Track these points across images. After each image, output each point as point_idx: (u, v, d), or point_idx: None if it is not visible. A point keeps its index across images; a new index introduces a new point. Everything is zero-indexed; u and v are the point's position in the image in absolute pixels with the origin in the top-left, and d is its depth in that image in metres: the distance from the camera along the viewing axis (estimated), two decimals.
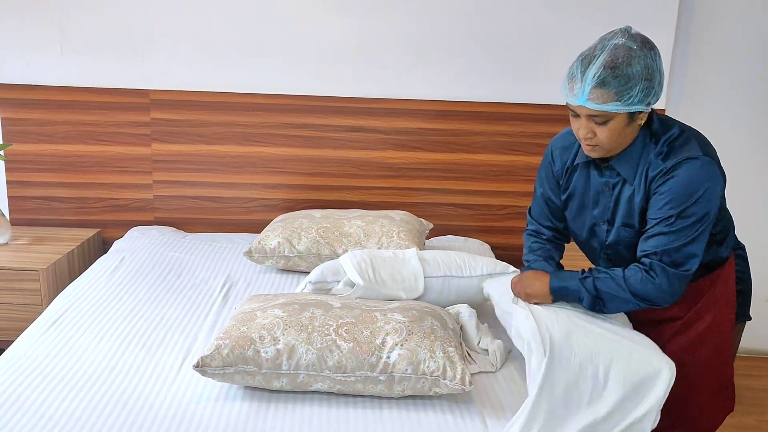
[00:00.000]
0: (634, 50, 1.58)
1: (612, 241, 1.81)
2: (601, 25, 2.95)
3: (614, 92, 1.57)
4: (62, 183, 3.09)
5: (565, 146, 1.88)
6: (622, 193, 1.75)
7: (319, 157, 3.10)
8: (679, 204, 1.62)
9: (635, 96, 1.58)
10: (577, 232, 1.93)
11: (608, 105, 1.58)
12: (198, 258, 2.73)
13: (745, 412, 2.89)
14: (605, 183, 1.78)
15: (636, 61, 1.57)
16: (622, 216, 1.76)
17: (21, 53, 2.97)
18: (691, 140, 1.67)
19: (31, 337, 2.04)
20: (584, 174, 1.83)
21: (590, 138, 1.66)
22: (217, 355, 1.71)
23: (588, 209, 1.84)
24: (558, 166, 1.89)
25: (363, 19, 2.98)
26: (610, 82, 1.57)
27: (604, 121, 1.62)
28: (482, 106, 3.07)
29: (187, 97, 3.02)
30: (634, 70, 1.57)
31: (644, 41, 1.61)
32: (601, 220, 1.81)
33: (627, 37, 1.60)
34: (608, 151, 1.69)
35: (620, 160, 1.72)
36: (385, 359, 1.73)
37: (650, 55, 1.60)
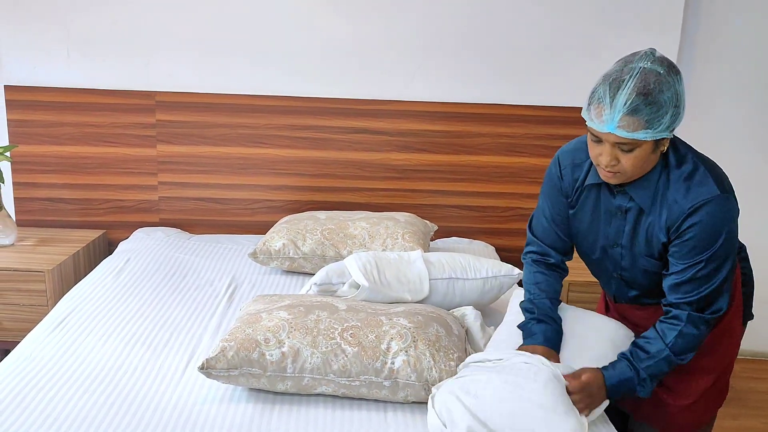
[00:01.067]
0: (663, 75, 1.52)
1: (628, 265, 1.78)
2: (606, 28, 2.98)
3: (645, 120, 1.50)
4: (68, 184, 3.10)
5: (575, 163, 1.79)
6: (640, 222, 1.70)
7: (324, 158, 3.10)
8: (705, 249, 1.60)
9: (664, 123, 1.52)
10: (587, 252, 1.87)
11: (638, 133, 1.51)
12: (203, 259, 2.74)
13: (751, 415, 2.88)
14: (618, 206, 1.72)
15: (666, 88, 1.51)
16: (641, 245, 1.72)
17: (27, 55, 2.98)
18: (707, 177, 1.61)
19: (37, 338, 2.04)
20: (594, 193, 1.77)
21: (613, 165, 1.59)
22: (222, 357, 1.71)
23: (599, 229, 1.79)
24: (567, 183, 1.81)
25: (368, 21, 2.99)
26: (642, 110, 1.50)
27: (630, 149, 1.55)
28: (486, 108, 3.07)
29: (193, 99, 3.03)
30: (665, 97, 1.51)
31: (670, 66, 1.55)
32: (615, 243, 1.77)
33: (652, 61, 1.54)
34: (629, 178, 1.63)
35: (636, 187, 1.66)
36: (390, 365, 1.73)
37: (677, 80, 1.54)
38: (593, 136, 1.60)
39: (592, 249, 1.85)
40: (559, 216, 1.87)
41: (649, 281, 1.77)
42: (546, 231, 1.90)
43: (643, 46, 3.06)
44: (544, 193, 1.89)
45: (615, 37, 2.98)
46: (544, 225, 1.90)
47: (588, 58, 2.99)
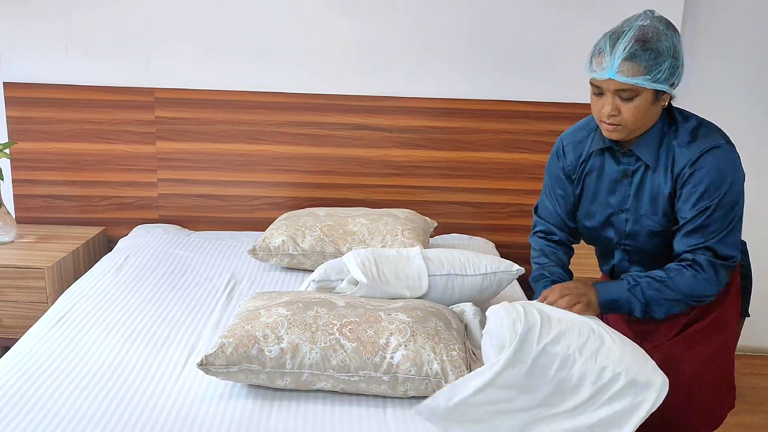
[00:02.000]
0: (660, 29, 1.61)
1: (632, 231, 1.78)
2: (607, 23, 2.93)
3: (644, 66, 1.58)
4: (67, 181, 3.10)
5: (577, 141, 1.85)
6: (645, 181, 1.73)
7: (324, 155, 3.10)
8: (713, 194, 1.63)
9: (663, 72, 1.59)
10: (589, 225, 1.88)
11: (637, 78, 1.59)
12: (202, 256, 2.74)
13: (753, 411, 2.88)
14: (623, 170, 1.76)
15: (664, 39, 1.60)
16: (646, 205, 1.74)
17: (26, 52, 2.98)
18: (713, 130, 1.70)
19: (36, 335, 2.04)
20: (598, 163, 1.81)
21: (614, 116, 1.64)
22: (221, 354, 1.71)
23: (602, 199, 1.81)
24: (570, 161, 1.86)
25: (368, 17, 2.98)
26: (641, 56, 1.58)
27: (630, 97, 1.61)
28: (487, 104, 3.06)
29: (192, 96, 3.02)
30: (663, 46, 1.59)
31: (668, 23, 1.64)
32: (619, 210, 1.79)
33: (651, 19, 1.63)
34: (630, 132, 1.67)
35: (640, 145, 1.71)
36: (389, 359, 1.73)
37: (675, 36, 1.63)
38: (595, 89, 1.66)
39: (595, 221, 1.86)
40: (561, 198, 1.90)
41: (653, 245, 1.77)
42: (549, 212, 1.95)
43: None
44: (547, 176, 1.94)
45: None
46: (548, 207, 1.95)
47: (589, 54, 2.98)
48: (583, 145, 1.84)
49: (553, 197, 1.93)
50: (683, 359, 1.81)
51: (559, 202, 1.92)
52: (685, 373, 1.82)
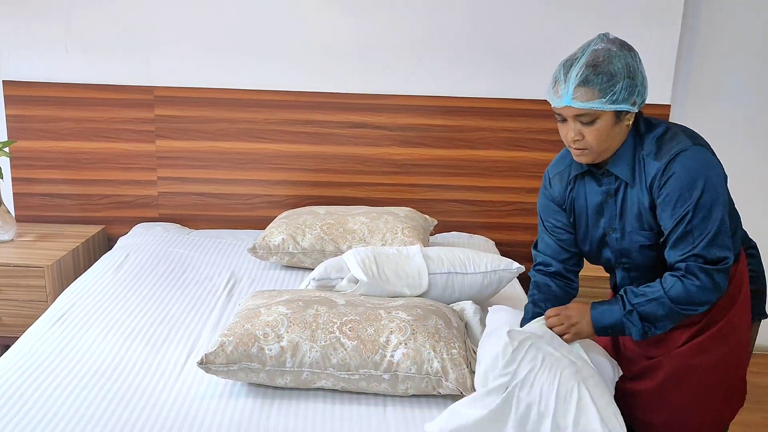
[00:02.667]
0: (614, 51, 1.62)
1: (624, 248, 1.79)
2: (607, 21, 2.97)
3: (598, 89, 1.59)
4: (67, 180, 3.10)
5: (560, 171, 1.86)
6: (627, 198, 1.73)
7: (324, 153, 3.10)
8: (687, 200, 1.61)
9: (618, 93, 1.59)
10: (586, 249, 1.89)
11: (593, 102, 1.60)
12: (202, 254, 2.73)
13: (752, 410, 2.88)
14: (606, 191, 1.76)
15: (617, 60, 1.60)
16: (632, 221, 1.74)
17: (26, 50, 2.97)
18: (678, 134, 1.68)
19: (36, 334, 2.04)
20: (583, 189, 1.82)
21: (578, 141, 1.66)
22: (221, 352, 1.71)
23: (593, 223, 1.82)
24: (558, 191, 1.86)
25: (367, 15, 2.98)
26: (593, 80, 1.59)
27: (590, 121, 1.63)
28: (486, 102, 3.06)
29: (192, 94, 3.02)
30: (615, 67, 1.59)
31: (622, 44, 1.65)
32: (610, 229, 1.79)
33: (606, 41, 1.65)
34: (597, 155, 1.68)
35: (615, 163, 1.71)
36: (389, 358, 1.73)
37: (630, 55, 1.63)
38: (558, 116, 1.68)
39: (591, 245, 1.86)
40: (556, 227, 1.89)
41: (647, 259, 1.77)
42: (546, 245, 1.92)
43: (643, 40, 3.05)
44: (540, 211, 1.94)
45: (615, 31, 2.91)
46: (545, 239, 1.93)
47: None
48: (566, 173, 1.85)
49: (548, 230, 1.91)
50: (693, 366, 1.80)
51: (555, 232, 1.90)
52: (696, 379, 1.81)
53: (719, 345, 1.80)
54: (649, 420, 1.89)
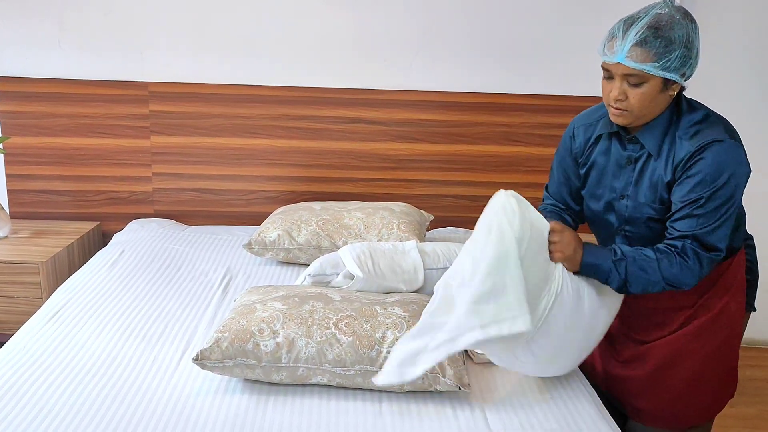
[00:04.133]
0: (677, 19, 1.60)
1: (631, 217, 1.79)
2: (604, 16, 2.94)
3: (653, 53, 1.58)
4: (61, 176, 3.08)
5: (588, 123, 1.87)
6: (646, 169, 1.73)
7: (319, 148, 3.09)
8: (707, 186, 1.62)
9: (673, 61, 1.59)
10: (592, 207, 1.89)
11: (646, 65, 1.59)
12: (198, 250, 2.73)
13: (748, 403, 2.89)
14: (628, 156, 1.77)
15: (678, 28, 1.59)
16: (645, 192, 1.74)
17: (19, 46, 2.96)
18: (718, 123, 1.68)
19: (31, 330, 2.03)
20: (605, 147, 1.82)
21: (621, 101, 1.65)
22: (216, 348, 1.71)
23: (606, 183, 1.83)
24: (579, 142, 1.88)
25: (363, 10, 2.97)
26: (651, 42, 1.58)
27: (638, 83, 1.62)
28: (483, 97, 3.05)
29: (186, 89, 3.01)
30: (675, 35, 1.58)
31: (686, 13, 1.63)
32: (621, 195, 1.79)
33: (670, 7, 1.63)
34: (636, 118, 1.67)
35: (645, 132, 1.71)
36: (385, 354, 1.72)
37: (691, 27, 1.62)
38: (605, 72, 1.67)
39: (597, 204, 1.87)
40: (570, 180, 1.93)
41: (652, 232, 1.78)
42: (556, 192, 1.99)
43: None
44: (556, 156, 1.97)
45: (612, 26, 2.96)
46: (555, 187, 1.98)
47: (585, 46, 2.97)
48: (593, 127, 1.85)
49: (562, 178, 1.96)
50: (688, 352, 1.82)
51: (567, 184, 1.95)
52: (689, 365, 1.83)
53: (712, 333, 1.81)
54: (640, 406, 1.90)
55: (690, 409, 1.88)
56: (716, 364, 1.85)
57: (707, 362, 1.83)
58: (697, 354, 1.81)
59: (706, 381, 1.85)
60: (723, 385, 1.90)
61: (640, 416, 1.92)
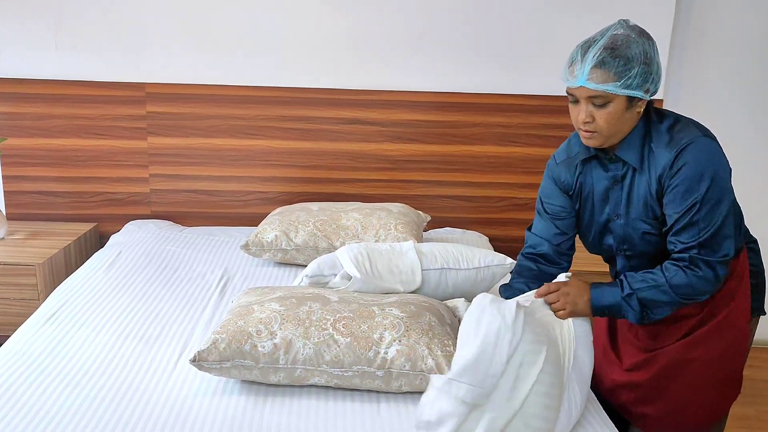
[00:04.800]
0: (633, 37, 1.63)
1: (627, 235, 1.79)
2: (599, 16, 2.95)
3: (613, 72, 1.60)
4: (58, 177, 3.08)
5: (566, 158, 1.87)
6: (633, 185, 1.74)
7: (316, 149, 3.09)
8: (696, 190, 1.63)
9: (633, 78, 1.61)
10: (590, 237, 1.89)
11: (607, 85, 1.61)
12: (195, 252, 2.72)
13: (746, 403, 2.89)
14: (612, 177, 1.77)
15: (634, 46, 1.62)
16: (637, 208, 1.74)
17: (16, 47, 2.95)
18: (688, 125, 1.70)
19: (28, 332, 2.03)
20: (590, 175, 1.82)
21: (589, 123, 1.67)
22: (213, 350, 1.70)
23: (598, 209, 1.83)
24: (565, 177, 1.87)
25: (360, 10, 2.97)
26: (609, 63, 1.60)
27: (603, 104, 1.64)
28: (480, 98, 3.05)
29: (183, 90, 3.00)
30: (632, 53, 1.61)
31: (641, 31, 1.67)
32: (614, 215, 1.80)
33: (625, 27, 1.66)
34: (606, 138, 1.69)
35: (624, 149, 1.72)
36: (383, 354, 1.72)
37: (648, 44, 1.65)
38: (571, 97, 1.70)
39: (594, 231, 1.86)
40: (557, 209, 1.90)
41: (649, 247, 1.77)
42: (542, 227, 1.93)
43: None
44: (542, 188, 1.93)
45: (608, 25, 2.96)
46: (541, 223, 1.94)
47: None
48: (574, 160, 1.85)
49: (547, 213, 1.91)
50: (693, 359, 1.81)
51: (555, 216, 1.89)
52: (693, 372, 1.82)
53: (717, 339, 1.80)
54: (644, 412, 1.90)
55: (694, 413, 1.87)
56: (721, 368, 1.84)
57: (711, 367, 1.82)
58: (702, 360, 1.81)
59: (710, 385, 1.84)
60: (727, 388, 1.89)
61: (644, 422, 1.92)
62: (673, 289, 1.66)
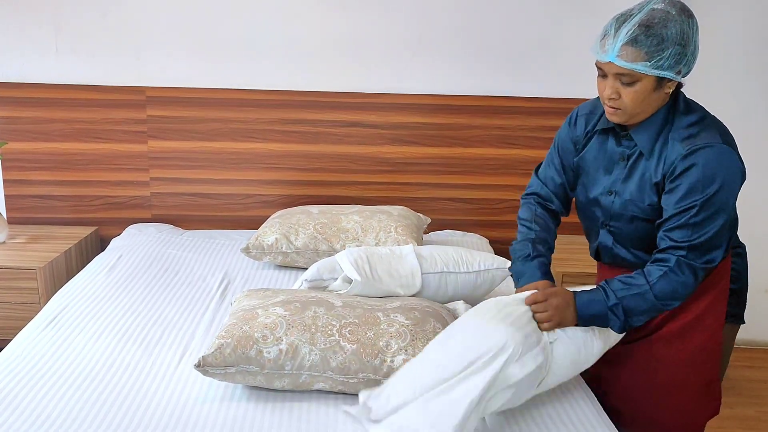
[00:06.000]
0: (672, 14, 1.55)
1: (617, 213, 1.76)
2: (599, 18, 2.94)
3: (645, 52, 1.53)
4: (59, 181, 3.08)
5: (590, 112, 1.84)
6: (636, 167, 1.70)
7: (316, 152, 3.09)
8: (699, 193, 1.58)
9: (666, 59, 1.54)
10: (581, 198, 1.87)
11: (637, 64, 1.55)
12: (195, 255, 2.73)
13: (746, 404, 2.89)
14: (621, 153, 1.74)
15: (672, 24, 1.54)
16: (633, 190, 1.71)
17: (16, 51, 2.96)
18: (712, 128, 1.64)
19: (29, 336, 2.03)
20: (602, 141, 1.79)
21: (614, 99, 1.62)
22: (219, 355, 1.69)
23: (598, 177, 1.80)
24: (579, 130, 1.85)
25: (359, 13, 2.97)
26: (642, 41, 1.53)
27: (630, 82, 1.58)
28: (479, 100, 3.06)
29: (183, 94, 3.01)
30: (668, 32, 1.53)
31: (683, 8, 1.58)
32: (610, 190, 1.77)
33: (666, 3, 1.57)
34: (630, 116, 1.64)
35: (639, 130, 1.68)
36: (389, 363, 1.71)
37: (688, 23, 1.56)
38: (599, 71, 1.64)
39: (589, 195, 1.84)
40: (565, 165, 1.90)
41: (636, 230, 1.75)
42: (550, 178, 1.94)
43: None
44: (555, 141, 1.93)
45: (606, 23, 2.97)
46: (551, 171, 1.94)
47: (581, 49, 2.97)
48: (593, 116, 1.82)
49: (555, 164, 1.92)
50: (660, 359, 1.79)
51: (563, 168, 1.91)
52: (663, 373, 1.80)
53: (686, 341, 1.78)
54: (618, 408, 1.87)
55: (667, 418, 1.84)
56: (691, 372, 1.81)
57: (683, 369, 1.80)
58: (673, 360, 1.79)
59: (682, 390, 1.81)
60: (702, 398, 1.85)
61: (618, 418, 1.91)
62: (656, 296, 1.63)
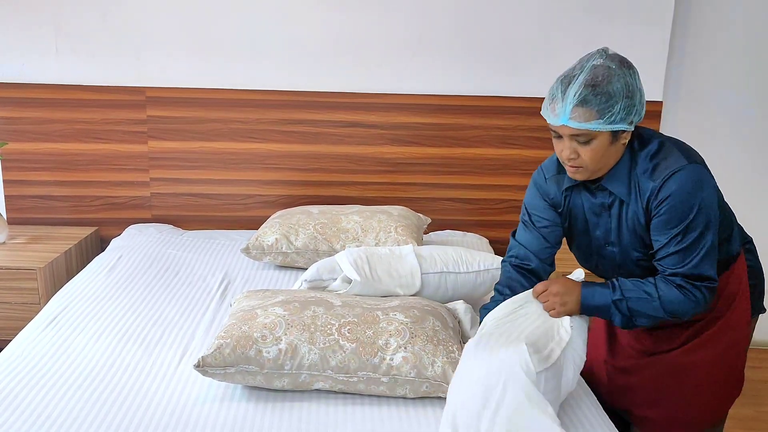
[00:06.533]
0: (613, 69, 1.58)
1: (622, 262, 1.78)
2: (598, 19, 2.97)
3: (596, 110, 1.55)
4: (59, 181, 3.08)
5: (557, 172, 1.82)
6: (622, 214, 1.71)
7: (316, 152, 3.09)
8: (681, 220, 1.61)
9: (617, 114, 1.56)
10: (583, 256, 1.88)
11: (590, 123, 1.56)
12: (196, 255, 2.73)
13: (745, 404, 2.89)
14: (600, 204, 1.74)
15: (616, 80, 1.56)
16: (629, 236, 1.73)
17: (16, 51, 2.96)
18: (672, 150, 1.65)
19: (29, 336, 2.03)
20: (578, 197, 1.79)
21: (573, 159, 1.63)
22: (218, 355, 1.69)
23: (589, 232, 1.81)
24: (553, 193, 1.83)
25: (359, 13, 2.97)
26: (592, 100, 1.55)
27: (587, 141, 1.60)
28: (479, 100, 3.06)
29: (184, 94, 3.01)
30: (614, 87, 1.56)
31: (622, 61, 1.61)
32: (606, 242, 1.78)
33: (605, 58, 1.60)
34: (592, 172, 1.66)
35: (610, 180, 1.69)
36: (389, 361, 1.71)
37: (629, 74, 1.59)
38: (554, 133, 1.65)
39: (588, 254, 1.85)
40: (545, 222, 1.86)
41: (643, 272, 1.77)
42: (529, 239, 1.88)
43: (634, 37, 3.05)
44: (528, 200, 1.90)
45: (607, 28, 2.98)
46: (529, 234, 1.89)
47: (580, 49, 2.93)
48: (563, 177, 1.80)
49: (534, 225, 1.87)
50: (692, 362, 1.81)
51: (543, 228, 1.86)
52: (694, 374, 1.82)
53: (717, 342, 1.81)
54: (645, 415, 1.90)
55: (695, 414, 1.87)
56: (721, 370, 1.85)
57: (712, 369, 1.83)
58: (703, 362, 1.81)
59: (711, 387, 1.85)
60: (728, 388, 1.90)
61: (645, 424, 1.92)
62: (664, 306, 1.65)
